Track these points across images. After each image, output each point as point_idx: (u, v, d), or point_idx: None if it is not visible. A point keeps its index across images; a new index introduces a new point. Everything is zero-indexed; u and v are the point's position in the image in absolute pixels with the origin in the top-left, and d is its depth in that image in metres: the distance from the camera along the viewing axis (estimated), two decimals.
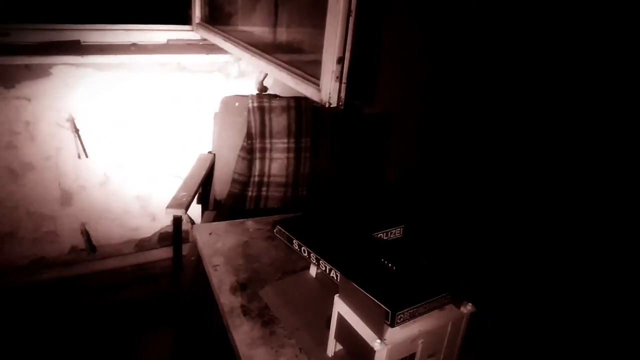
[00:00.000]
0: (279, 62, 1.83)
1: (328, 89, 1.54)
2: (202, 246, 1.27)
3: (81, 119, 2.06)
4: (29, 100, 1.95)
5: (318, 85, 1.58)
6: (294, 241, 1.05)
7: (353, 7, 1.44)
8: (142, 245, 2.45)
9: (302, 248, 1.01)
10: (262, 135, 2.10)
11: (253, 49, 1.97)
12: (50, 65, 1.94)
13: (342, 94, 1.55)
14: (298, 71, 1.71)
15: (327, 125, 2.11)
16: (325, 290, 1.07)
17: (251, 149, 2.09)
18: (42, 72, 1.94)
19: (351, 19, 1.45)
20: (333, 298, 0.87)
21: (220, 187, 2.10)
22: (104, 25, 2.16)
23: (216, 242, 1.29)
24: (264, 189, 2.09)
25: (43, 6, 2.38)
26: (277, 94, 2.35)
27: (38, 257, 2.23)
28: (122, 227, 2.36)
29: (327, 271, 0.94)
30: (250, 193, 2.08)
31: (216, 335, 1.43)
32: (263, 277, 1.15)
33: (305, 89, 1.65)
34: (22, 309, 2.13)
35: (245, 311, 1.04)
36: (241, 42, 2.02)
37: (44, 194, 2.12)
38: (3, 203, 2.06)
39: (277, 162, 2.11)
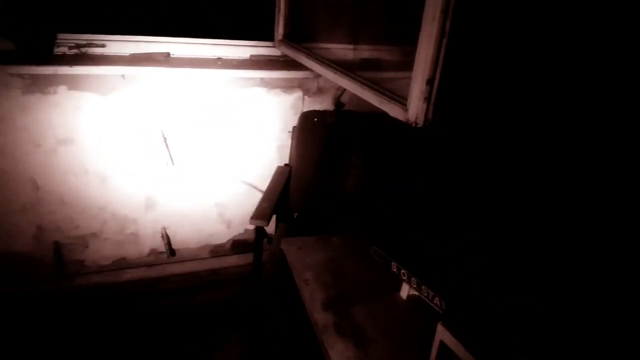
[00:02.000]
0: (363, 80, 1.85)
1: (416, 110, 1.54)
2: (292, 260, 1.31)
3: (169, 128, 2.17)
4: (121, 108, 2.07)
5: (405, 105, 1.59)
6: (393, 263, 1.06)
7: (447, 30, 1.44)
8: (217, 250, 2.54)
9: (402, 271, 1.02)
10: (340, 151, 2.13)
11: (335, 66, 2.01)
12: (143, 76, 2.06)
13: (430, 115, 1.55)
14: (383, 90, 1.73)
15: (402, 143, 2.12)
16: (418, 313, 1.07)
17: (328, 164, 2.13)
18: (137, 82, 2.06)
19: (444, 42, 1.46)
20: (425, 322, 0.87)
21: (296, 199, 2.14)
22: (192, 39, 2.27)
23: (305, 257, 1.32)
24: (339, 202, 2.12)
25: (135, 19, 2.52)
26: (353, 109, 2.39)
27: (120, 257, 2.36)
28: (199, 232, 2.45)
29: (430, 297, 0.94)
30: (325, 206, 2.12)
31: (296, 346, 1.46)
32: (353, 295, 1.17)
33: (390, 109, 1.67)
34: (104, 307, 2.26)
35: (339, 329, 1.06)
36: (323, 59, 2.07)
37: (129, 197, 2.24)
38: (91, 205, 2.20)
39: (352, 177, 2.14)
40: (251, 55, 2.36)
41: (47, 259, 2.20)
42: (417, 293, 1.04)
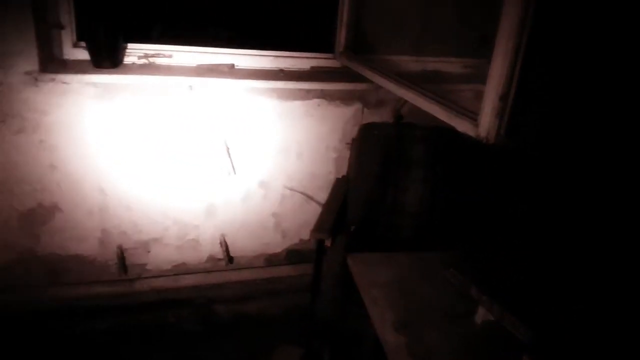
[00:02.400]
0: (428, 93, 1.82)
1: (487, 125, 1.50)
2: (359, 277, 1.29)
3: (231, 137, 2.20)
4: (186, 117, 2.12)
5: (475, 120, 1.55)
6: (472, 288, 1.02)
7: (524, 45, 1.39)
8: (271, 260, 2.55)
9: (483, 297, 0.98)
10: (399, 164, 2.10)
11: (399, 78, 1.98)
12: (209, 87, 2.10)
13: (502, 131, 1.50)
14: (451, 104, 1.69)
15: (464, 158, 2.06)
16: (496, 341, 1.02)
17: (387, 177, 2.10)
18: (203, 92, 2.10)
19: (520, 57, 1.41)
20: (504, 351, 0.83)
21: (354, 212, 2.12)
22: (254, 50, 2.31)
23: (371, 274, 1.30)
24: (397, 217, 2.09)
25: (200, 30, 2.59)
26: (413, 122, 2.35)
27: (180, 263, 2.41)
28: (256, 241, 2.47)
29: (514, 326, 0.90)
30: (383, 220, 2.09)
31: None
32: (425, 317, 1.13)
33: (459, 123, 1.63)
34: (163, 311, 2.31)
35: (412, 352, 1.03)
36: (386, 72, 2.05)
37: (191, 204, 2.29)
38: (154, 210, 2.26)
39: (412, 191, 2.10)
40: (312, 67, 2.37)
41: (110, 262, 2.27)
42: (496, 319, 1.00)
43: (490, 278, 1.02)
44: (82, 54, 2.03)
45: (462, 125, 1.62)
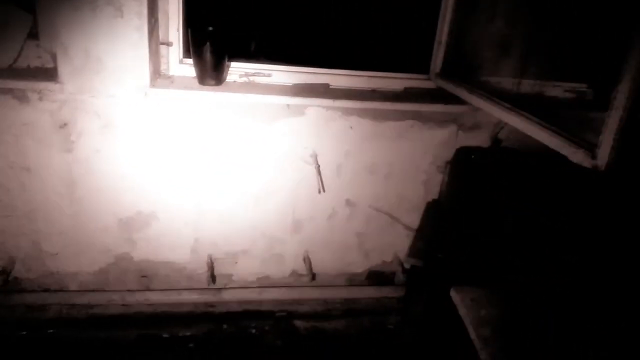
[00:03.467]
0: (536, 119, 1.73)
1: (606, 157, 1.40)
2: (465, 312, 1.24)
3: (323, 156, 2.21)
4: (283, 135, 2.16)
5: (592, 151, 1.45)
6: None
7: None
8: (352, 279, 2.53)
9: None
10: (497, 191, 2.01)
11: (501, 102, 1.91)
12: (305, 106, 2.13)
13: (622, 163, 1.40)
14: (563, 132, 1.60)
15: (570, 190, 1.94)
16: None
17: (482, 204, 2.02)
18: (299, 111, 2.13)
19: None
20: None
21: (444, 238, 2.05)
22: (348, 70, 2.31)
23: (480, 310, 1.24)
24: (491, 247, 2.00)
25: (296, 49, 2.64)
26: (512, 146, 2.25)
27: (264, 275, 2.44)
28: (339, 259, 2.47)
29: None
30: (478, 249, 2.01)
31: None
32: None
33: (571, 153, 1.53)
34: (245, 322, 2.35)
35: None
36: (486, 94, 1.98)
37: (279, 219, 2.32)
38: (244, 223, 2.31)
39: (509, 221, 2.00)
40: (405, 88, 2.34)
41: (200, 271, 2.35)
42: None
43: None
44: (187, 71, 2.13)
45: (575, 156, 1.52)
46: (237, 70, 2.19)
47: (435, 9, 2.27)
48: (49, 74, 1.96)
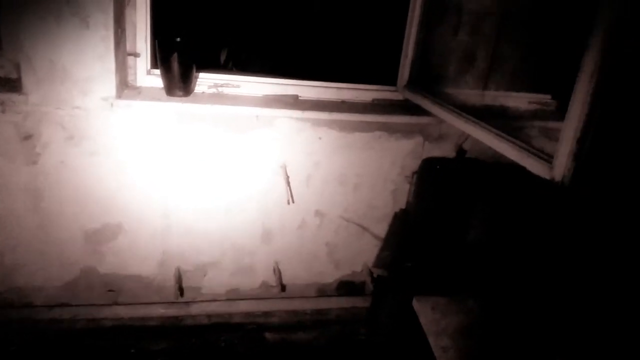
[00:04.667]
0: (498, 130, 1.78)
1: (563, 169, 1.45)
2: (426, 322, 1.26)
3: (291, 166, 2.22)
4: (252, 146, 2.16)
5: (550, 162, 1.50)
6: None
7: (605, 88, 1.34)
8: (322, 290, 2.54)
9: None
10: (461, 201, 2.05)
11: (465, 115, 1.95)
12: (275, 117, 2.14)
13: (578, 175, 1.45)
14: (523, 144, 1.65)
15: (529, 199, 1.99)
16: None
17: (448, 213, 2.06)
18: (268, 122, 2.14)
19: (600, 101, 1.36)
20: None
21: (411, 248, 2.08)
22: (317, 82, 2.34)
23: (441, 320, 1.26)
24: (458, 256, 2.03)
25: (266, 60, 2.66)
26: (476, 157, 2.30)
27: (234, 288, 2.43)
28: (308, 270, 2.47)
29: None
30: (444, 258, 2.04)
31: None
32: None
33: (531, 164, 1.58)
34: (216, 336, 2.33)
35: None
36: (450, 107, 2.02)
37: (249, 230, 2.32)
38: (214, 234, 2.30)
39: (473, 229, 2.04)
40: (373, 99, 2.38)
41: (168, 284, 2.32)
42: None
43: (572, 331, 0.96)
44: (155, 82, 2.12)
45: (534, 167, 1.57)
46: (206, 81, 2.19)
47: (402, 22, 2.31)
48: (13, 84, 1.93)
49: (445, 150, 2.35)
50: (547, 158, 1.52)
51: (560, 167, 1.46)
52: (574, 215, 1.83)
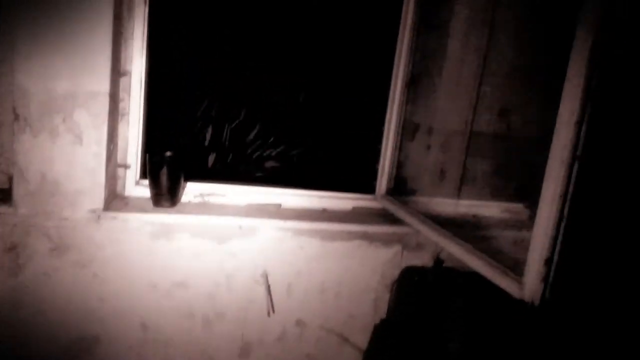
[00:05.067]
0: (470, 246, 1.86)
1: (532, 289, 1.51)
2: None
3: (274, 275, 2.25)
4: (234, 255, 2.20)
5: (520, 282, 1.57)
6: None
7: (566, 214, 1.45)
8: None
9: None
10: (439, 312, 2.09)
11: (439, 228, 2.04)
12: (257, 227, 2.20)
13: (547, 295, 1.51)
14: (495, 263, 1.72)
15: (502, 314, 2.04)
16: None
17: (427, 325, 2.08)
18: (251, 232, 2.20)
19: (563, 224, 1.46)
20: None
21: (393, 358, 2.08)
22: (300, 190, 2.44)
23: None
24: None
25: (250, 166, 2.78)
26: (453, 267, 2.37)
27: None
28: None
29: None
30: None
31: None
32: None
33: (502, 282, 1.65)
34: None
35: None
36: (425, 219, 2.12)
37: (228, 343, 2.28)
38: (192, 348, 2.25)
39: (452, 341, 2.06)
40: (353, 207, 2.48)
41: None
42: None
43: None
44: (143, 192, 2.19)
45: (506, 285, 1.63)
46: (192, 190, 2.28)
47: (380, 135, 2.48)
48: (3, 195, 1.98)
49: (424, 259, 2.41)
50: (517, 278, 1.59)
51: (530, 288, 1.52)
52: (545, 333, 1.87)
